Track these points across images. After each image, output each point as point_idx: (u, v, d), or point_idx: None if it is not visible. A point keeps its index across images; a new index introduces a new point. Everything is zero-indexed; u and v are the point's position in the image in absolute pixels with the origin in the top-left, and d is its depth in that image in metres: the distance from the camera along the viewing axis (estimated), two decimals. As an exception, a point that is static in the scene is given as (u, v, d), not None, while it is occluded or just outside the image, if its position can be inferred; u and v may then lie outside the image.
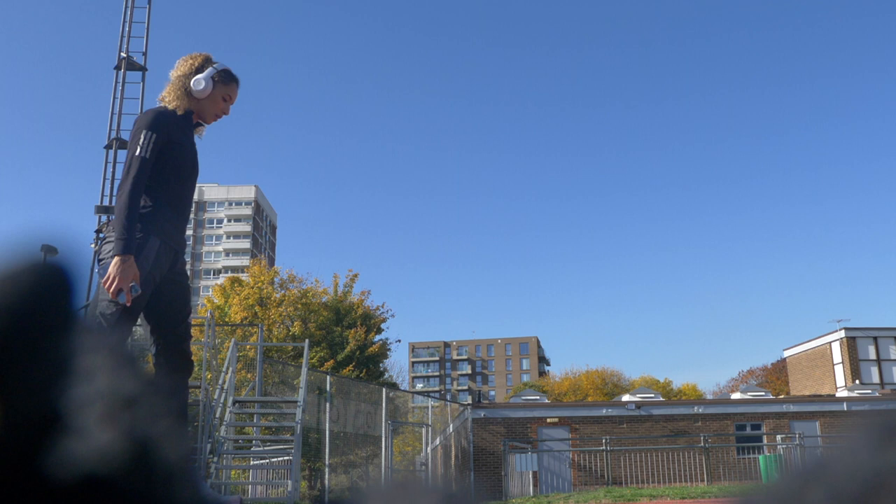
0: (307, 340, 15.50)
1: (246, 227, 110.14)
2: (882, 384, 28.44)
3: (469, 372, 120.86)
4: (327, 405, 17.40)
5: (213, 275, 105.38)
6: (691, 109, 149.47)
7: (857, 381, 28.48)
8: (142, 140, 3.27)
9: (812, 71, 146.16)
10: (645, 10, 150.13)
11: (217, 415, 12.88)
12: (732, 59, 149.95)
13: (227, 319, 29.75)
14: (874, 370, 29.03)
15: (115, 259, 3.15)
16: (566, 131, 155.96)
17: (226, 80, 3.56)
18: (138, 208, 3.23)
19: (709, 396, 49.20)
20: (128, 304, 3.16)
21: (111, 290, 3.13)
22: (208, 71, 3.50)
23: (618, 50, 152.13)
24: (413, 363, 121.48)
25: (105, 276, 3.15)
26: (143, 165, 3.24)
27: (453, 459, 25.42)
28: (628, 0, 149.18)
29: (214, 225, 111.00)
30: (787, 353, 34.67)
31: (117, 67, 25.34)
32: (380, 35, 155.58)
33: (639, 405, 24.23)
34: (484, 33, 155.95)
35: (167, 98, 3.49)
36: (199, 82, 3.46)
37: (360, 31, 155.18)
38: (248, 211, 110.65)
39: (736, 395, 28.03)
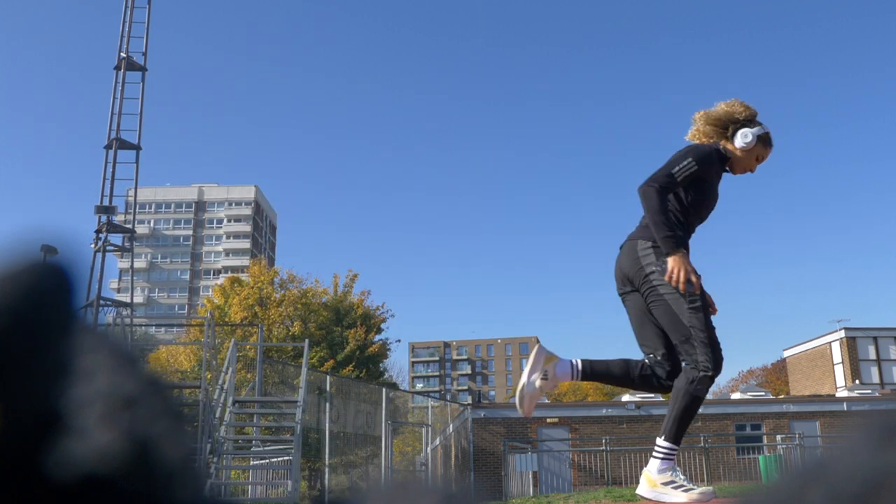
0: (307, 340, 15.50)
1: (246, 227, 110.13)
2: (882, 384, 28.43)
3: (469, 372, 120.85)
4: (327, 405, 17.39)
5: (213, 275, 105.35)
6: (692, 109, 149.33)
7: (857, 381, 28.47)
8: (683, 163, 3.37)
9: (812, 71, 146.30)
10: (645, 11, 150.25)
11: (217, 415, 12.88)
12: (732, 58, 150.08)
13: (227, 319, 29.75)
14: (874, 370, 29.02)
15: (672, 257, 3.25)
16: (566, 131, 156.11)
17: (767, 143, 3.60)
18: (668, 210, 3.33)
19: (708, 396, 49.14)
20: (698, 292, 3.28)
21: (680, 282, 3.24)
22: (757, 129, 3.54)
23: (618, 50, 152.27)
24: (413, 363, 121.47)
25: (668, 272, 3.26)
26: (671, 182, 3.34)
27: (453, 459, 25.42)
28: (628, 0, 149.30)
29: (214, 225, 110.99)
30: (787, 353, 34.66)
31: (117, 67, 25.35)
32: (380, 35, 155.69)
33: (639, 405, 24.23)
34: (483, 33, 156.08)
35: (708, 134, 3.57)
36: (747, 136, 3.51)
37: (359, 30, 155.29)
38: (248, 211, 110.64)
39: (736, 396, 28.02)
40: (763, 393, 27.02)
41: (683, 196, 3.42)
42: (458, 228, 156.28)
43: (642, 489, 3.33)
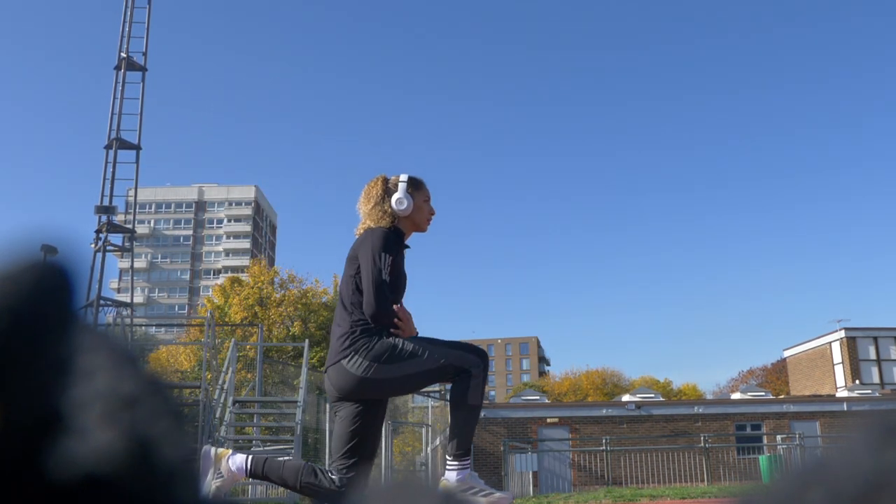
0: (307, 340, 15.50)
1: (246, 227, 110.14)
2: (882, 384, 28.44)
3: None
4: (327, 405, 17.39)
5: (213, 275, 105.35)
6: (692, 110, 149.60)
7: (858, 382, 28.47)
8: (382, 262, 3.43)
9: (812, 71, 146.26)
10: (646, 10, 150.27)
11: (217, 415, 12.88)
12: (733, 59, 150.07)
13: (227, 319, 29.76)
14: (874, 370, 29.02)
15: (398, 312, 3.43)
16: (566, 131, 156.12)
17: (417, 186, 3.67)
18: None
19: (709, 396, 49.23)
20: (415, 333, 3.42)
21: (409, 330, 3.40)
22: (400, 187, 3.61)
23: (617, 50, 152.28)
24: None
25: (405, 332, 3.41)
26: (387, 292, 3.41)
27: (453, 459, 25.38)
28: (629, 1, 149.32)
29: (214, 225, 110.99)
30: (787, 353, 34.67)
31: (117, 67, 25.36)
32: (380, 34, 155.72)
33: (639, 405, 24.23)
34: (484, 32, 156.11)
35: (377, 220, 3.61)
36: (402, 201, 3.58)
37: (359, 30, 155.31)
38: (248, 211, 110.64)
39: (736, 396, 28.04)
40: (763, 393, 27.03)
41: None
42: (458, 228, 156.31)
43: None
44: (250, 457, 3.44)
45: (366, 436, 3.41)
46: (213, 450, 3.45)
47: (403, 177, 3.66)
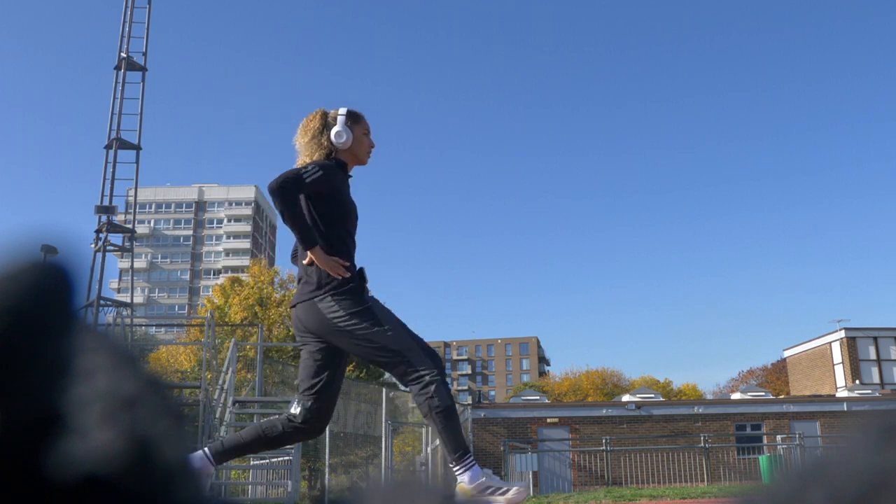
0: (307, 340, 15.45)
1: (246, 227, 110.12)
2: (882, 384, 28.44)
3: (469, 372, 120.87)
4: (327, 405, 17.37)
5: (214, 275, 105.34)
6: (693, 110, 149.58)
7: (858, 382, 28.47)
8: (309, 168, 3.33)
9: (812, 71, 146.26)
10: (645, 11, 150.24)
11: (217, 415, 12.88)
12: (733, 59, 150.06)
13: (227, 319, 29.76)
14: (874, 370, 29.02)
15: (312, 250, 3.29)
16: (566, 131, 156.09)
17: (356, 119, 3.64)
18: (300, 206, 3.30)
19: (709, 396, 49.21)
20: (347, 275, 3.33)
21: (332, 270, 3.30)
22: (340, 119, 3.57)
23: (616, 50, 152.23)
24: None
25: (323, 266, 3.32)
26: (300, 181, 3.28)
27: (453, 459, 25.39)
28: (629, 1, 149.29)
29: (214, 225, 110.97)
30: (787, 353, 34.67)
31: (117, 67, 25.36)
32: (380, 34, 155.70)
33: (639, 405, 24.23)
34: (483, 32, 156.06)
35: (313, 153, 3.54)
36: (341, 134, 3.53)
37: (359, 29, 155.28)
38: (248, 211, 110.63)
39: (736, 396, 28.04)
40: (763, 393, 27.03)
41: (319, 208, 3.40)
42: (458, 228, 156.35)
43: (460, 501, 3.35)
44: (206, 448, 3.41)
45: (332, 376, 3.41)
46: None
47: (342, 110, 3.64)
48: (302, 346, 3.47)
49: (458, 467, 3.29)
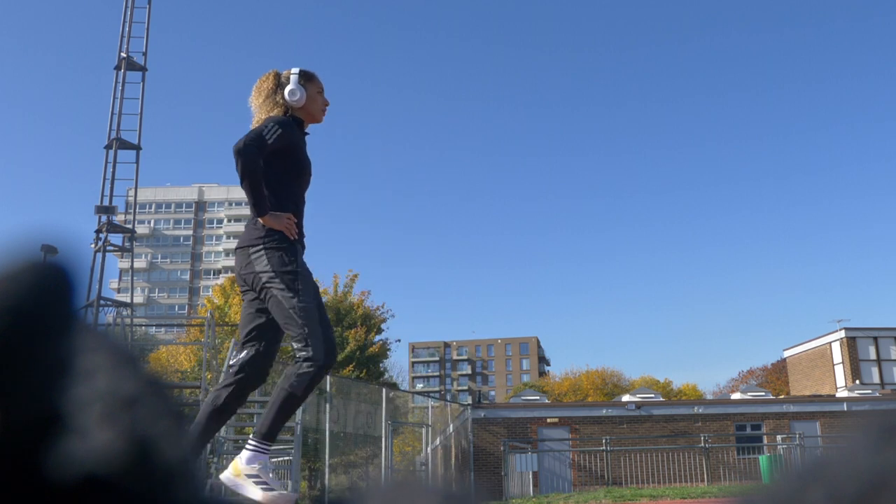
0: (307, 340, 15.44)
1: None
2: (882, 384, 28.43)
3: (469, 372, 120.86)
4: (327, 405, 17.40)
5: (214, 275, 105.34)
6: (693, 110, 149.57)
7: (858, 382, 28.47)
8: (270, 126, 3.37)
9: (812, 71, 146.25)
10: (645, 11, 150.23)
11: (217, 415, 12.84)
12: (733, 59, 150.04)
13: (227, 319, 29.76)
14: (874, 370, 29.02)
15: (264, 217, 3.36)
16: (566, 131, 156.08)
17: (309, 78, 3.66)
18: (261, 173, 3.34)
19: (709, 396, 49.21)
20: (294, 232, 3.42)
21: (285, 228, 3.39)
22: (292, 79, 3.59)
23: (616, 50, 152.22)
24: (413, 363, 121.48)
25: (277, 228, 3.40)
26: (262, 143, 3.32)
27: (453, 460, 25.42)
28: (629, 1, 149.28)
29: (214, 225, 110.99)
30: (787, 353, 34.67)
31: (117, 67, 25.36)
32: (380, 34, 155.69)
33: (639, 405, 24.23)
34: (483, 32, 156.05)
35: (270, 112, 3.57)
36: (294, 92, 3.56)
37: (359, 29, 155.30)
38: (248, 211, 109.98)
39: (736, 396, 28.03)
40: (763, 393, 27.02)
41: (277, 164, 3.45)
42: (458, 228, 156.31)
43: (225, 475, 3.31)
44: None
45: (265, 325, 3.44)
46: None
47: (295, 70, 3.67)
48: (243, 293, 3.53)
49: (251, 446, 3.28)
